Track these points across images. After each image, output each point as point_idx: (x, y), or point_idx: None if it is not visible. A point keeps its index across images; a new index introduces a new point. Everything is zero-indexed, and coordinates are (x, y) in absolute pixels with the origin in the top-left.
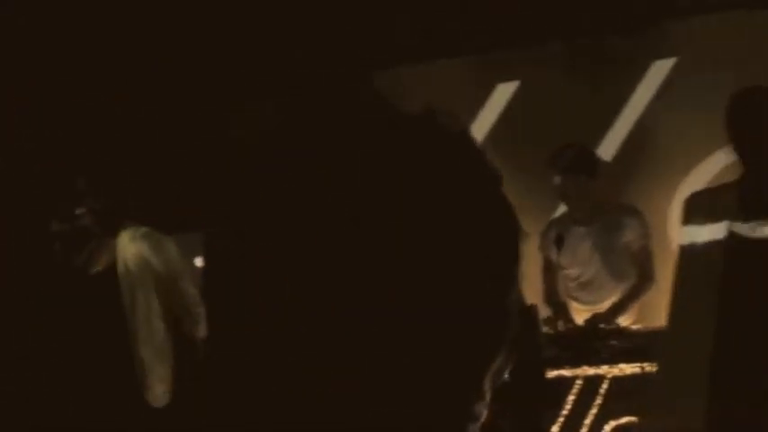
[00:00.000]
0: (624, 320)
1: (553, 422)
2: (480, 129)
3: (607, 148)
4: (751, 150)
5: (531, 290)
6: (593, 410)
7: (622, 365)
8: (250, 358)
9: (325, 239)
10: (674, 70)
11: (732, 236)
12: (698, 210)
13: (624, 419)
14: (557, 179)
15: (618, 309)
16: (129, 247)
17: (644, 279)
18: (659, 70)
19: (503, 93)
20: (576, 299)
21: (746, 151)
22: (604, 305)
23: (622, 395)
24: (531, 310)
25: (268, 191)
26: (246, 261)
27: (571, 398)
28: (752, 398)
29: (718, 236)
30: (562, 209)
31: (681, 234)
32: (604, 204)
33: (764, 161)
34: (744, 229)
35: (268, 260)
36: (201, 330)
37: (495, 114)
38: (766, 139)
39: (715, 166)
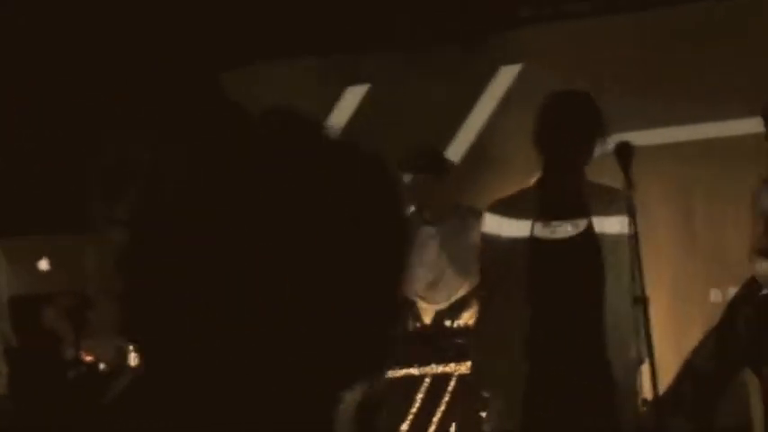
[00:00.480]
0: (470, 318)
1: (403, 420)
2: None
3: (455, 151)
4: (549, 153)
5: None
6: (442, 408)
7: (469, 363)
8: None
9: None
10: (520, 76)
11: (532, 237)
12: (501, 205)
13: (471, 415)
14: (406, 178)
15: (462, 308)
16: None
17: None
18: (506, 75)
19: (353, 95)
20: (423, 298)
21: (545, 154)
22: (450, 304)
23: (469, 392)
24: None
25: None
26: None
27: (420, 396)
28: (562, 396)
29: (519, 233)
30: (411, 209)
31: (485, 220)
32: (452, 205)
33: (560, 164)
34: (542, 231)
35: (158, 256)
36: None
37: (344, 117)
38: (564, 143)
39: None
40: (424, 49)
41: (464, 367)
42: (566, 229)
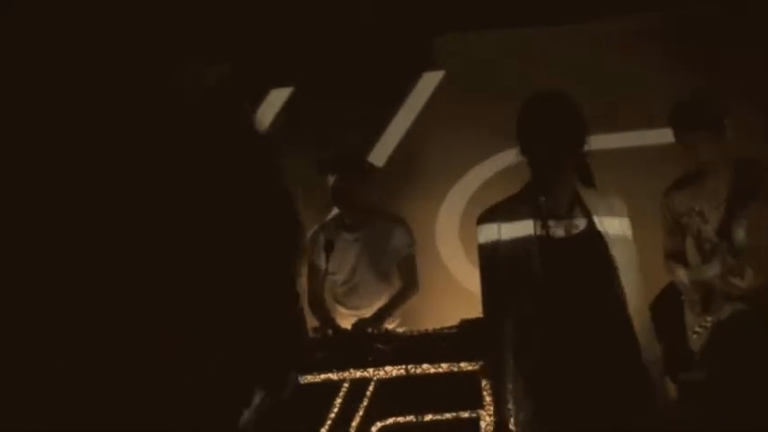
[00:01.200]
0: (389, 324)
1: (321, 425)
2: None
3: (377, 157)
4: (538, 155)
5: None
6: (360, 412)
7: (388, 368)
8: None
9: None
10: (443, 83)
11: (536, 235)
12: (495, 212)
13: (390, 420)
14: (329, 181)
15: (383, 314)
16: None
17: (409, 285)
18: (428, 82)
19: (277, 98)
20: (342, 304)
21: (534, 156)
22: (370, 310)
23: (388, 397)
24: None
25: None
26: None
27: (338, 400)
28: (571, 394)
29: (522, 233)
30: (332, 213)
31: (479, 233)
32: (374, 212)
33: (551, 165)
34: (543, 230)
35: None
36: None
37: (267, 120)
38: (552, 145)
39: (480, 177)
40: (349, 53)
41: (382, 372)
42: (567, 228)
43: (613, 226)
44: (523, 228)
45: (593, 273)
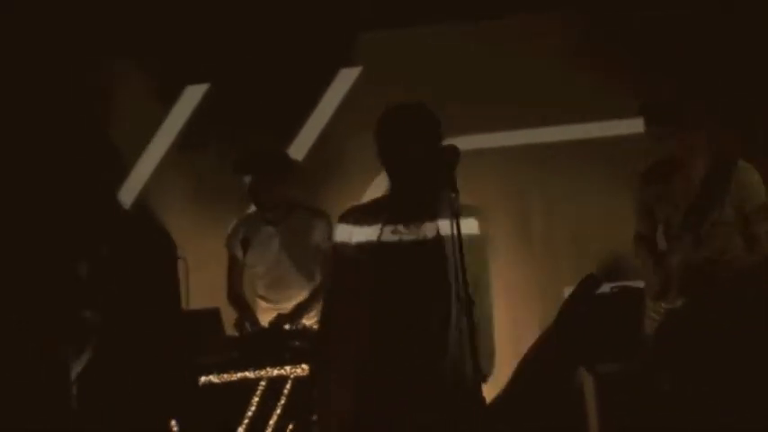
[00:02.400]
0: (308, 320)
1: (238, 423)
2: (169, 131)
3: (296, 152)
4: (395, 165)
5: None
6: (278, 411)
7: (305, 365)
8: None
9: None
10: (360, 79)
11: (379, 241)
12: (353, 214)
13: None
14: (246, 179)
15: (302, 310)
16: None
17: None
18: (346, 78)
19: (193, 94)
20: (263, 298)
21: (392, 166)
22: (291, 304)
23: (305, 394)
24: (213, 312)
25: None
26: None
27: (255, 399)
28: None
29: (366, 239)
30: (252, 209)
31: (336, 231)
32: (293, 206)
33: (407, 175)
34: (390, 236)
35: None
36: None
37: (183, 117)
38: (408, 156)
39: None
40: (266, 49)
41: (300, 370)
42: (414, 234)
43: (464, 229)
44: (370, 232)
45: (430, 279)
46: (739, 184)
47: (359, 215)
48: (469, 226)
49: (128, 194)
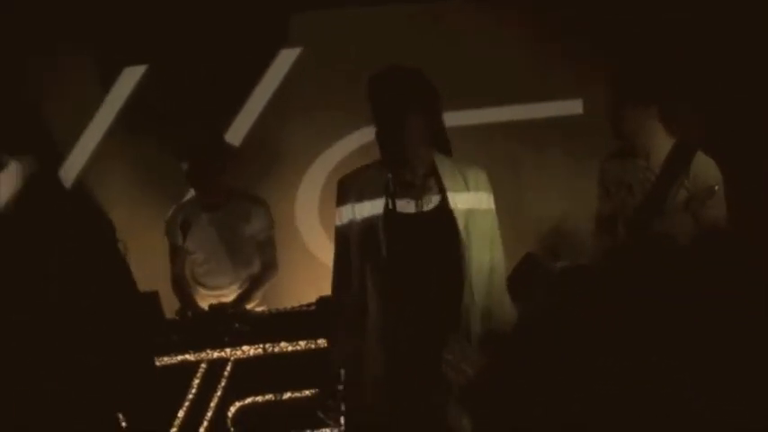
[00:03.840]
0: (250, 305)
1: (179, 406)
2: (108, 113)
3: (234, 135)
4: (388, 131)
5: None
6: (218, 393)
7: (245, 347)
8: None
9: None
10: (300, 60)
11: (387, 213)
12: (351, 190)
13: (248, 400)
14: (184, 165)
15: (243, 298)
16: None
17: (268, 267)
18: (285, 59)
19: (130, 76)
20: (202, 284)
21: (384, 132)
22: (229, 290)
23: (246, 376)
24: (152, 296)
25: None
26: None
27: (196, 381)
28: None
29: (373, 212)
30: (190, 194)
31: (337, 215)
32: (232, 192)
33: (402, 141)
34: (397, 205)
35: None
36: None
37: (122, 99)
38: (401, 120)
39: (339, 155)
40: (204, 30)
41: (240, 352)
42: (419, 204)
43: (468, 200)
44: (375, 206)
45: (440, 249)
46: (696, 174)
47: (357, 191)
48: (485, 200)
49: (66, 177)
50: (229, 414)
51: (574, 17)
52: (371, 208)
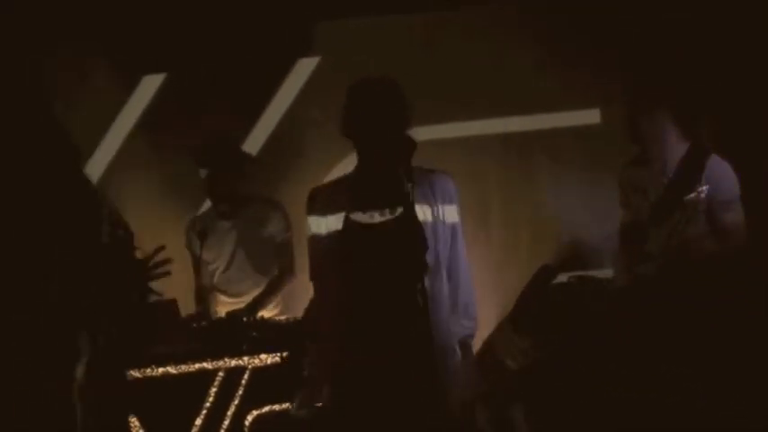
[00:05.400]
0: (266, 312)
1: (197, 414)
2: (126, 122)
3: (254, 143)
4: (363, 142)
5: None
6: (236, 401)
7: (263, 356)
8: None
9: None
10: (318, 69)
11: (350, 225)
12: (319, 202)
13: (266, 408)
14: (202, 173)
15: (259, 302)
16: None
17: (284, 272)
18: (304, 68)
19: (149, 84)
20: (223, 292)
21: (360, 143)
22: (249, 297)
23: (263, 385)
24: (171, 304)
25: None
26: None
27: (213, 389)
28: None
29: (337, 226)
30: (207, 204)
31: (307, 224)
32: (249, 198)
33: (373, 153)
34: (361, 217)
35: None
36: None
37: (140, 107)
38: (376, 132)
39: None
40: (224, 38)
41: (258, 360)
42: (380, 217)
43: (434, 211)
44: (342, 218)
45: (403, 260)
46: (711, 177)
47: (325, 202)
48: (451, 213)
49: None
50: (246, 422)
51: (589, 25)
52: (336, 222)
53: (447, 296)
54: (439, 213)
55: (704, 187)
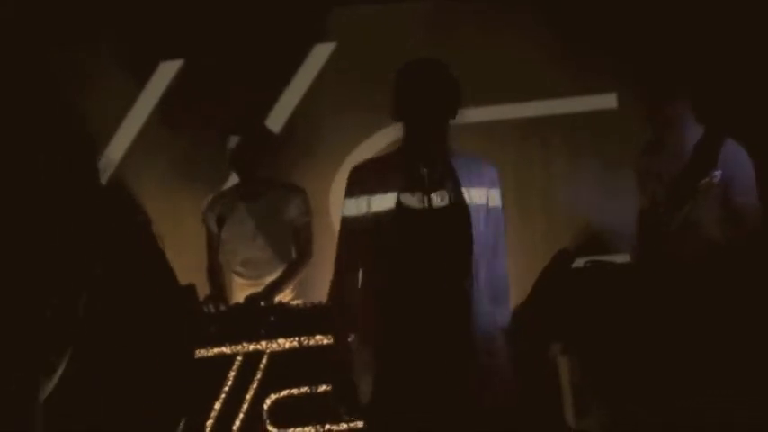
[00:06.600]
0: (283, 296)
1: (216, 398)
2: (144, 107)
3: (271, 127)
4: (411, 122)
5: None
6: (254, 385)
7: (281, 340)
8: None
9: None
10: (334, 54)
11: (400, 207)
12: (365, 180)
13: (284, 392)
14: (232, 141)
15: (277, 286)
16: None
17: (302, 256)
18: (320, 53)
19: (167, 70)
20: (239, 274)
21: (408, 123)
22: (266, 281)
23: (281, 369)
24: (189, 289)
25: None
26: None
27: (232, 374)
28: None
29: (386, 206)
30: (228, 184)
31: (347, 204)
32: (270, 182)
33: (423, 133)
34: (410, 200)
35: None
36: None
37: (158, 93)
38: (425, 112)
39: (374, 147)
40: (240, 23)
41: (276, 345)
42: (433, 200)
43: (482, 197)
44: (391, 199)
45: (451, 245)
46: (727, 161)
47: (374, 182)
48: (497, 198)
49: (102, 172)
50: (265, 406)
51: (604, 10)
52: (385, 202)
53: (489, 282)
54: (489, 199)
55: (717, 172)
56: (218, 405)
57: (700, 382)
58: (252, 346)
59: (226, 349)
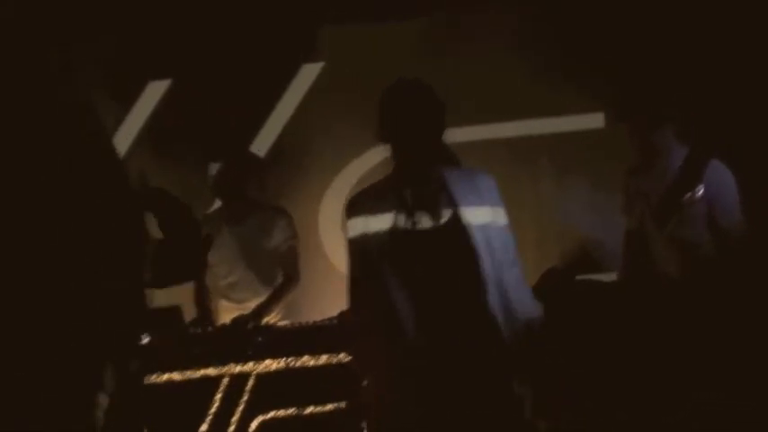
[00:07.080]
0: (270, 318)
1: (202, 420)
2: (132, 127)
3: (259, 149)
4: (402, 145)
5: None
6: (241, 407)
7: (268, 361)
8: None
9: None
10: (322, 75)
11: (394, 229)
12: (363, 204)
13: (271, 414)
14: (212, 168)
15: (264, 309)
16: None
17: (288, 279)
18: (308, 73)
19: (155, 90)
20: (226, 297)
21: (398, 145)
22: (253, 304)
23: (268, 390)
24: (174, 310)
25: None
26: None
27: (218, 395)
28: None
29: (383, 227)
30: (214, 207)
31: (349, 227)
32: (255, 205)
33: (407, 155)
34: (406, 222)
35: None
36: None
37: (147, 110)
38: (409, 134)
39: (362, 168)
40: (228, 43)
41: (262, 366)
42: (429, 220)
43: (482, 213)
44: (389, 220)
45: (457, 263)
46: (711, 181)
47: (370, 205)
48: (500, 215)
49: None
50: (252, 428)
51: (590, 30)
52: (383, 222)
53: (504, 304)
54: (493, 214)
55: (700, 185)
56: (204, 427)
57: (685, 399)
58: (238, 368)
59: (212, 371)
